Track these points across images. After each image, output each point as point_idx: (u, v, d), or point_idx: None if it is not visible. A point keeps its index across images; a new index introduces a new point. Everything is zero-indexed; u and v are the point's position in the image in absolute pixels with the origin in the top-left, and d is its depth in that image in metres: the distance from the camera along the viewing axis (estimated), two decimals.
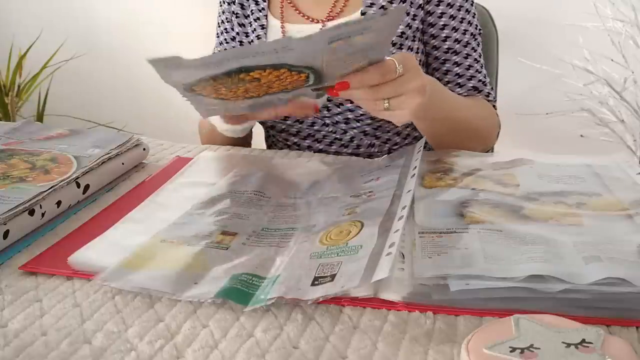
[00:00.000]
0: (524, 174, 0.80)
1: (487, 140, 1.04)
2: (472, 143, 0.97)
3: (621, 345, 0.46)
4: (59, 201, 0.75)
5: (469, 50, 1.03)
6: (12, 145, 0.90)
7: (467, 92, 1.03)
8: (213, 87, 0.69)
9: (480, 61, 1.04)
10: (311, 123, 1.05)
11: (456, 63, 1.03)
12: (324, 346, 0.51)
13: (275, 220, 0.73)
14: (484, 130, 1.02)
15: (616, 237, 0.62)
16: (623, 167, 0.81)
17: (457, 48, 1.02)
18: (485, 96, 1.04)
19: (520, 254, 0.58)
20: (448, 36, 1.02)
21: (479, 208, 0.70)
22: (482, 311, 0.55)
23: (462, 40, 1.02)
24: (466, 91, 1.03)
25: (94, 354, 0.51)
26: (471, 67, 1.03)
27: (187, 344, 0.52)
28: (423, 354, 0.50)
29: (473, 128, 0.99)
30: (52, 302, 0.58)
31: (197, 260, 0.63)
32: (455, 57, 1.03)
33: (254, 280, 0.59)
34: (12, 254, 0.67)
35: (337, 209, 0.73)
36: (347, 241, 0.63)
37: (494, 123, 1.05)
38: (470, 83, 1.03)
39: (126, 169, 0.90)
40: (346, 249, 0.61)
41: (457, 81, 1.03)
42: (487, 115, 1.03)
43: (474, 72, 1.03)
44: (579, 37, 1.86)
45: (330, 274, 0.58)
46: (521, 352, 0.45)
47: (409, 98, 0.74)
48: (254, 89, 0.71)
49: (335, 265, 0.59)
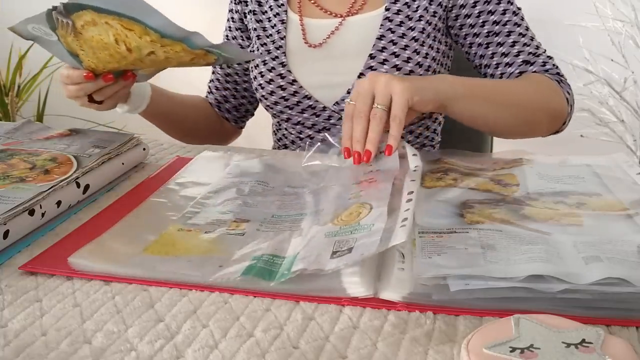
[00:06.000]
0: (524, 174, 0.80)
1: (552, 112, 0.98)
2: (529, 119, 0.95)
3: (621, 345, 0.46)
4: (59, 201, 0.75)
5: (510, 27, 1.01)
6: (12, 145, 0.90)
7: (519, 69, 1.00)
8: None
9: (527, 34, 1.01)
10: (328, 117, 1.06)
11: (499, 44, 1.01)
12: (324, 346, 0.51)
13: (283, 207, 0.76)
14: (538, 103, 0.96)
15: (616, 237, 0.62)
16: (623, 167, 0.81)
17: (496, 29, 1.01)
18: (541, 65, 1.01)
19: (520, 254, 0.58)
20: (485, 20, 1.01)
21: (479, 208, 0.70)
22: (482, 311, 0.55)
23: (500, 21, 1.01)
24: (517, 68, 1.00)
25: (94, 354, 0.51)
26: (516, 42, 1.01)
27: (187, 344, 0.52)
28: (423, 354, 0.50)
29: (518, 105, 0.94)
30: (52, 302, 0.58)
31: (218, 245, 0.66)
32: (496, 38, 1.01)
33: (275, 260, 0.62)
34: (12, 254, 0.67)
35: (342, 194, 0.74)
36: (358, 221, 0.65)
37: (550, 92, 0.98)
38: (519, 59, 1.00)
39: (126, 169, 0.90)
40: (359, 227, 0.63)
41: (504, 61, 1.01)
42: (538, 88, 0.97)
43: (521, 47, 1.01)
44: (579, 37, 1.86)
45: (347, 247, 0.59)
46: (521, 352, 0.45)
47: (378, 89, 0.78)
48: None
49: (351, 241, 0.61)
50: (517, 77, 1.00)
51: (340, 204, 0.71)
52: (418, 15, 1.01)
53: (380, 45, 1.01)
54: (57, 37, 0.85)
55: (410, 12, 1.02)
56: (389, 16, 1.02)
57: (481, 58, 1.03)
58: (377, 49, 1.01)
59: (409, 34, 1.01)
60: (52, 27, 0.84)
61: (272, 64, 1.07)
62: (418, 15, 1.01)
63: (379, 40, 1.01)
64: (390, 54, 1.01)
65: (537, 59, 1.00)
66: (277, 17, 1.09)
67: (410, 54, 1.00)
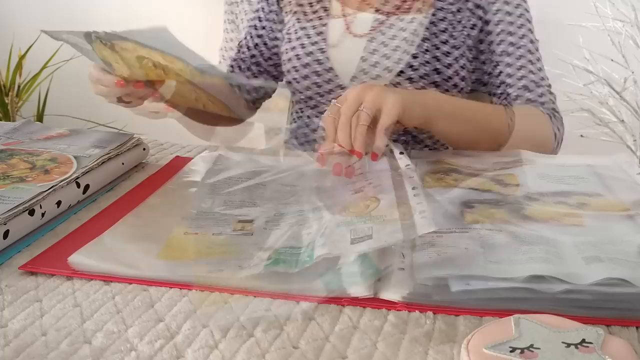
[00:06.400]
0: (525, 174, 0.80)
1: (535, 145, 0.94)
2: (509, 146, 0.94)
3: (621, 345, 0.46)
4: (59, 201, 0.75)
5: (523, 52, 1.03)
6: (12, 145, 0.90)
7: (517, 92, 1.02)
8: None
9: (536, 64, 1.03)
10: None
11: (508, 64, 1.03)
12: (324, 346, 0.51)
13: (284, 204, 0.76)
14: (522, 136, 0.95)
15: (617, 237, 0.62)
16: (624, 168, 0.81)
17: (510, 50, 1.03)
18: (539, 96, 1.02)
19: (520, 254, 0.58)
20: (503, 40, 1.03)
21: (480, 208, 0.70)
22: (482, 311, 0.55)
23: (516, 44, 1.03)
24: (516, 91, 1.02)
25: (94, 354, 0.51)
26: (523, 67, 1.02)
27: (187, 344, 0.52)
28: (423, 354, 0.50)
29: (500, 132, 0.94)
30: (52, 302, 0.58)
31: (230, 247, 0.66)
32: (507, 59, 1.03)
33: (293, 251, 0.63)
34: (12, 254, 0.67)
35: (342, 190, 0.74)
36: (369, 212, 0.65)
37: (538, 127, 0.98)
38: (520, 82, 1.02)
39: (126, 169, 0.90)
40: (371, 218, 0.63)
41: (507, 81, 1.03)
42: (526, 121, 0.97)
43: (526, 73, 1.02)
44: (579, 37, 1.86)
45: (364, 234, 0.60)
46: (521, 352, 0.45)
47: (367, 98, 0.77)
48: None
49: (366, 229, 0.61)
50: (513, 100, 1.02)
51: (343, 199, 0.71)
52: (461, 26, 1.03)
53: (424, 46, 1.01)
54: (92, 48, 0.88)
55: (455, 21, 1.03)
56: (435, 21, 1.03)
57: (489, 76, 1.05)
58: (420, 49, 1.01)
59: (451, 42, 1.02)
60: (89, 41, 0.87)
61: (311, 48, 1.06)
62: (461, 26, 1.03)
63: (423, 42, 1.02)
64: (432, 57, 1.01)
65: (537, 89, 1.02)
66: (319, 3, 1.09)
67: (452, 60, 1.01)
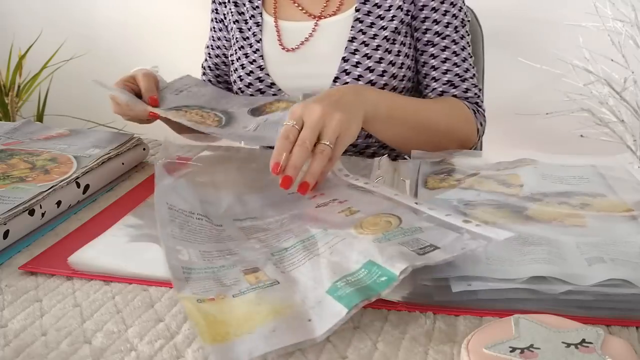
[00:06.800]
0: (528, 175, 0.79)
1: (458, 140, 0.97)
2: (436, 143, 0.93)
3: (621, 345, 0.46)
4: (59, 201, 0.75)
5: (447, 43, 1.01)
6: (12, 145, 0.90)
7: (442, 87, 1.01)
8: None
9: (460, 54, 1.01)
10: None
11: (432, 55, 1.01)
12: (324, 346, 0.51)
13: (273, 239, 0.66)
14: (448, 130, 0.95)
15: (620, 238, 0.62)
16: (627, 168, 0.81)
17: (435, 40, 1.01)
18: (463, 91, 1.00)
19: (523, 255, 0.58)
20: (429, 28, 1.01)
21: (482, 209, 0.70)
22: (482, 311, 0.55)
23: (442, 33, 1.01)
24: (440, 86, 1.01)
25: (94, 354, 0.50)
26: (447, 60, 1.01)
27: (187, 344, 0.52)
28: (423, 354, 0.50)
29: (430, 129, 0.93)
30: (52, 302, 0.58)
31: (273, 304, 0.53)
32: (432, 49, 1.01)
33: (349, 279, 0.54)
34: (12, 254, 0.67)
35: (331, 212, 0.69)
36: (398, 226, 0.62)
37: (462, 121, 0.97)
38: (445, 77, 1.01)
39: (126, 169, 0.90)
40: (405, 231, 0.60)
41: (432, 74, 1.01)
42: (452, 114, 0.97)
43: (451, 66, 1.00)
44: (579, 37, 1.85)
45: (428, 244, 0.57)
46: (521, 352, 0.45)
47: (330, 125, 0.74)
48: None
49: (422, 240, 0.58)
50: (438, 94, 1.01)
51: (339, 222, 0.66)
52: (391, 14, 1.01)
53: (352, 47, 1.01)
54: None
55: (382, 12, 1.01)
56: (360, 17, 1.01)
57: (416, 63, 1.04)
58: (349, 51, 1.01)
59: (381, 34, 1.00)
60: None
61: (251, 67, 1.07)
62: (391, 15, 1.01)
63: (351, 42, 1.01)
64: (362, 55, 1.00)
65: (461, 84, 1.01)
66: (252, 19, 1.09)
67: (382, 53, 1.00)
